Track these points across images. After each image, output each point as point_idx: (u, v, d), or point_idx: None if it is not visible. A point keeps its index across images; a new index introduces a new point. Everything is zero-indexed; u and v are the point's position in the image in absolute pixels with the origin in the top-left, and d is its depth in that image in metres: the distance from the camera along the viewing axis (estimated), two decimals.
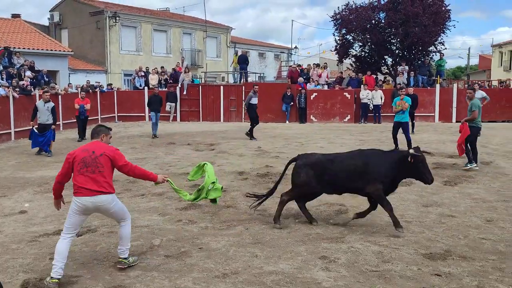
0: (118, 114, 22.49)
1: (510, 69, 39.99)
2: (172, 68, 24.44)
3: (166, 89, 21.92)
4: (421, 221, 6.22)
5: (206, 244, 5.45)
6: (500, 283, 4.27)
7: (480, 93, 16.02)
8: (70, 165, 4.63)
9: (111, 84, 24.84)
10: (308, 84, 22.02)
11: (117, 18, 28.55)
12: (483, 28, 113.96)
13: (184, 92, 22.47)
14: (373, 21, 24.96)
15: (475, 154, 9.77)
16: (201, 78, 26.55)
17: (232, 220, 6.40)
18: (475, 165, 9.66)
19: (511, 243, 5.31)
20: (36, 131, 12.34)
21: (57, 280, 4.38)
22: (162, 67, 24.48)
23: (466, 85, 25.04)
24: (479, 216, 6.37)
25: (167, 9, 36.78)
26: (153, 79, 23.02)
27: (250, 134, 15.18)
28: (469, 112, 9.97)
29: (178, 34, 32.61)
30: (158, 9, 35.90)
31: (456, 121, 20.19)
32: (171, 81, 23.07)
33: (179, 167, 10.34)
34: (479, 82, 25.55)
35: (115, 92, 23.15)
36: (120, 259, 4.81)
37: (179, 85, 22.49)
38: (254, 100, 15.79)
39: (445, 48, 25.17)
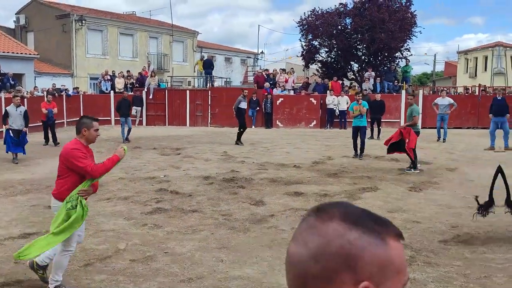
0: None
1: (475, 75, 41.21)
2: (138, 72, 24.08)
3: (132, 93, 21.54)
4: None
5: (171, 249, 5.33)
6: None
7: (447, 100, 16.41)
8: None
9: (77, 87, 24.35)
10: (274, 89, 22.06)
11: (84, 21, 28.00)
12: (449, 35, 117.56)
13: (150, 96, 22.15)
14: (339, 27, 25.26)
15: (416, 157, 10.23)
16: (167, 82, 26.28)
17: (197, 225, 6.27)
18: (418, 169, 10.14)
19: (475, 249, 5.38)
20: (11, 134, 11.78)
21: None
22: (128, 71, 24.08)
23: (432, 92, 25.73)
24: (444, 222, 6.44)
25: (134, 13, 36.31)
26: (119, 83, 22.61)
27: (237, 138, 15.07)
28: (410, 118, 10.43)
29: (145, 38, 32.23)
30: (125, 13, 35.38)
31: (422, 127, 20.67)
32: (137, 85, 22.70)
33: (145, 171, 10.13)
34: (446, 89, 26.18)
35: (81, 95, 22.68)
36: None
37: (145, 89, 22.16)
38: (243, 105, 15.76)
39: (411, 55, 25.73)
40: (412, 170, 10.09)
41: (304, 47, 26.45)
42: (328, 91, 21.19)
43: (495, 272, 4.69)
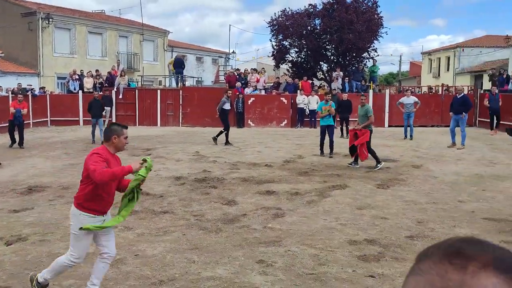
0: (51, 119, 21.54)
1: (439, 75, 42.34)
2: (108, 72, 23.72)
3: (101, 93, 21.23)
4: (355, 223, 6.38)
5: (142, 251, 5.29)
6: None
7: (412, 99, 17.01)
8: None
9: (44, 87, 23.76)
10: (245, 88, 22.13)
11: (50, 19, 27.36)
12: (414, 36, 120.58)
13: (120, 96, 21.88)
14: (309, 28, 25.53)
15: (375, 152, 10.60)
16: (138, 81, 25.97)
17: (169, 226, 6.26)
18: (381, 164, 10.49)
19: None
20: None
21: None
22: (97, 71, 23.70)
23: (398, 91, 26.31)
24: (410, 218, 6.63)
25: (103, 11, 35.73)
26: (88, 83, 22.24)
27: (222, 138, 14.83)
28: (364, 117, 10.74)
29: (114, 37, 31.75)
30: (93, 11, 34.76)
31: (389, 126, 21.16)
32: (106, 84, 22.38)
33: None
34: (411, 88, 26.79)
35: (47, 95, 22.15)
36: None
37: (115, 89, 21.86)
38: (227, 106, 15.66)
39: (378, 55, 26.26)
40: (378, 166, 10.38)
41: (275, 47, 26.63)
42: (298, 91, 21.42)
43: None
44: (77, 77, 22.47)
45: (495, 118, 18.37)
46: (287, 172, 10.10)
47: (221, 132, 14.87)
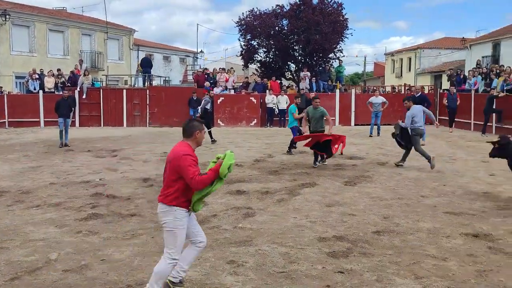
0: (9, 120, 20.85)
1: (401, 75, 43.42)
2: (70, 71, 23.15)
3: (67, 92, 20.69)
4: (324, 220, 6.44)
5: (108, 256, 5.17)
6: (396, 276, 4.53)
7: (380, 99, 17.73)
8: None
9: (1, 87, 22.92)
10: (214, 88, 22.04)
11: (7, 16, 26.47)
12: (377, 38, 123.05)
13: (84, 96, 21.39)
14: (277, 28, 25.66)
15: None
16: (102, 81, 25.45)
17: (136, 229, 6.15)
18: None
19: (405, 238, 5.68)
20: None
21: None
22: (58, 70, 23.07)
23: (363, 91, 26.80)
24: (377, 214, 6.75)
25: (64, 8, 34.81)
26: (49, 82, 21.62)
27: (211, 138, 15.06)
28: (320, 119, 10.75)
29: (77, 35, 31.03)
30: (54, 9, 33.84)
31: (355, 124, 21.51)
32: (69, 84, 21.80)
33: (78, 175, 9.76)
34: (375, 87, 27.31)
35: (5, 95, 21.40)
36: None
37: (78, 89, 21.35)
38: (209, 105, 15.92)
39: (344, 56, 26.67)
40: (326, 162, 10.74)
41: (243, 47, 26.63)
42: (267, 91, 21.50)
43: (423, 258, 4.99)
44: (37, 76, 21.82)
45: (451, 116, 19.14)
46: (257, 171, 10.11)
47: (209, 132, 15.07)
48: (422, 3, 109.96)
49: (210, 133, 15.06)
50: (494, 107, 17.35)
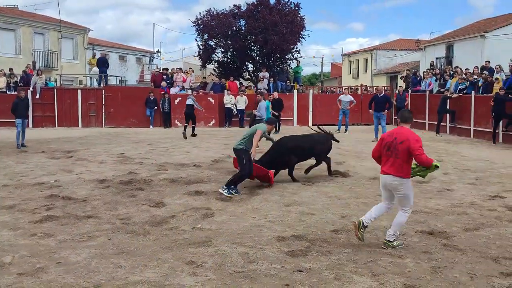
0: None
1: (358, 76, 44.40)
2: (23, 70, 22.34)
3: (23, 92, 19.93)
4: (283, 220, 6.52)
5: (65, 258, 5.04)
6: (354, 274, 4.64)
7: (349, 97, 19.09)
8: (380, 145, 5.49)
9: None
10: (172, 88, 21.81)
11: None
12: (334, 39, 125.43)
13: (37, 96, 20.67)
14: (234, 28, 25.66)
15: None
16: (56, 81, 24.67)
17: (93, 231, 6.02)
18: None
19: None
20: None
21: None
22: (10, 69, 22.18)
23: (320, 91, 27.25)
24: (334, 213, 6.89)
25: (16, 6, 33.50)
26: (1, 82, 20.77)
27: (192, 131, 17.10)
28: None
29: (29, 34, 29.96)
30: (5, 6, 32.51)
31: (313, 124, 21.83)
32: (21, 84, 21.00)
33: (32, 177, 9.45)
34: (337, 87, 27.78)
35: None
36: (385, 241, 5.38)
37: (31, 89, 20.60)
38: (190, 101, 17.40)
39: (301, 56, 27.00)
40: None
41: (201, 47, 26.48)
42: (225, 91, 21.47)
43: (379, 256, 5.13)
44: None
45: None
46: (216, 171, 10.09)
47: (190, 127, 17.04)
48: (377, 5, 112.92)
49: (193, 128, 17.12)
50: (447, 107, 18.06)
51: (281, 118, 19.14)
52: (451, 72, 20.44)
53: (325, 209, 7.08)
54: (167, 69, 24.44)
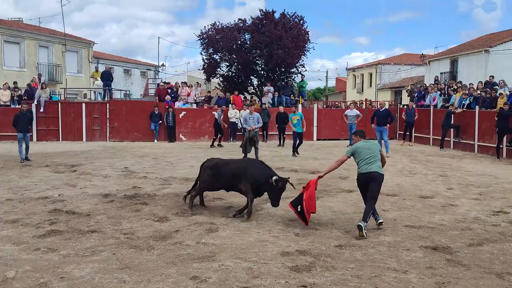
0: None
1: (362, 91, 44.50)
2: (27, 84, 22.48)
3: (26, 105, 20.04)
4: (287, 235, 6.50)
5: (68, 273, 5.03)
6: None
7: (354, 111, 19.05)
8: None
9: None
10: (176, 102, 21.90)
11: None
12: (339, 53, 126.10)
13: (41, 110, 20.79)
14: (239, 42, 25.80)
15: None
16: (61, 94, 24.82)
17: (97, 246, 6.01)
18: None
19: (366, 251, 5.80)
20: None
21: None
22: (15, 82, 22.35)
23: (325, 106, 27.34)
24: (338, 228, 6.86)
25: (20, 19, 33.89)
26: (5, 95, 20.90)
27: (216, 143, 18.57)
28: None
29: (34, 47, 30.26)
30: (10, 19, 32.90)
31: (317, 139, 21.85)
32: (25, 97, 21.14)
33: (36, 191, 9.46)
34: (341, 101, 27.85)
35: None
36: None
37: (35, 102, 20.74)
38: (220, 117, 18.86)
39: (306, 70, 27.09)
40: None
41: (205, 61, 26.62)
42: (230, 105, 21.53)
43: (383, 271, 5.10)
44: None
45: (408, 130, 20.14)
46: None
47: (217, 139, 18.52)
48: (382, 20, 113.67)
49: (220, 139, 18.79)
50: (452, 122, 18.06)
51: (285, 132, 19.19)
52: (455, 87, 20.46)
53: (330, 224, 7.06)
54: (169, 83, 24.57)
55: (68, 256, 5.62)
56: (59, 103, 21.54)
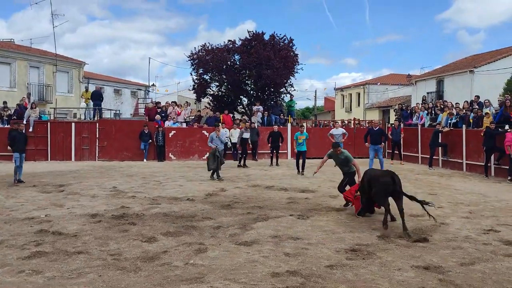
0: None
1: (350, 110, 44.88)
2: (17, 104, 22.36)
3: (9, 126, 19.90)
4: (277, 255, 6.42)
5: None
6: None
7: (340, 130, 19.13)
8: None
9: None
10: (166, 121, 21.89)
11: None
12: (327, 73, 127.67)
13: (30, 129, 20.61)
14: (229, 62, 26.03)
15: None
16: (50, 114, 24.70)
17: (83, 267, 5.88)
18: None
19: (358, 272, 5.74)
20: None
21: None
22: (4, 102, 22.23)
23: (314, 125, 27.50)
24: (329, 247, 6.80)
25: (12, 40, 33.93)
26: None
27: (242, 164, 18.65)
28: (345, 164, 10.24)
29: (24, 67, 30.24)
30: (2, 40, 32.93)
31: (306, 158, 21.84)
32: (15, 117, 20.99)
33: (22, 212, 9.30)
34: (330, 120, 28.02)
35: None
36: None
37: (25, 122, 20.56)
38: (246, 135, 19.41)
39: (295, 90, 27.42)
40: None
41: (196, 81, 26.76)
42: (220, 124, 21.52)
43: None
44: None
45: (396, 149, 20.32)
46: (209, 205, 10.00)
47: (242, 158, 18.70)
48: (369, 41, 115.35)
49: (244, 158, 18.82)
50: (439, 141, 18.21)
51: (279, 151, 19.58)
52: (442, 107, 20.71)
53: (320, 244, 6.99)
54: (159, 102, 24.57)
55: (53, 279, 5.49)
56: (48, 123, 21.42)
